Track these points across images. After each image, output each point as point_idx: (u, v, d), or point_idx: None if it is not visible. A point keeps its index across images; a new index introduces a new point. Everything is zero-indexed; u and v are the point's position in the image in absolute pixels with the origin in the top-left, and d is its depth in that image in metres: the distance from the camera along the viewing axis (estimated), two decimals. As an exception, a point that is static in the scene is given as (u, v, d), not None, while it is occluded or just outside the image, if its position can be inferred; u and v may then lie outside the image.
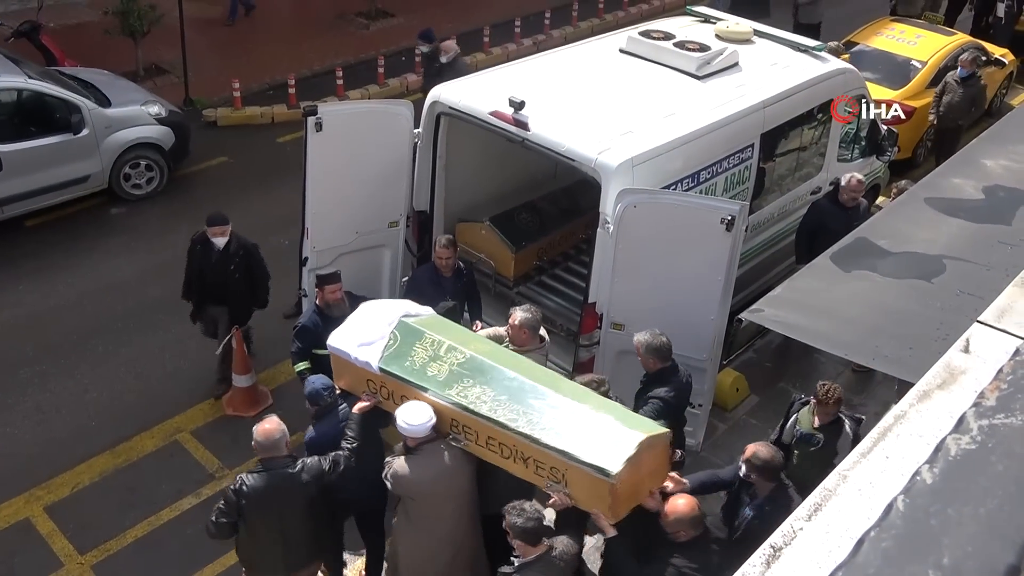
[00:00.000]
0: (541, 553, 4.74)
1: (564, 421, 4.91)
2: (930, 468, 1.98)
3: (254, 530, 5.35)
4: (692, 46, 8.14)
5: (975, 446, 2.05)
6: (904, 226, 5.89)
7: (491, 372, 5.22)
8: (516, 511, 4.71)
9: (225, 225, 7.52)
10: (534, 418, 4.94)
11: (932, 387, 2.26)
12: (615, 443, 4.74)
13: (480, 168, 8.27)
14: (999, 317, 2.52)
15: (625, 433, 4.79)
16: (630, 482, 4.75)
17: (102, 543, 6.77)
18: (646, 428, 4.92)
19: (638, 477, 4.82)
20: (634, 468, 4.71)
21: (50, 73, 10.61)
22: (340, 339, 5.67)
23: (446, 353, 5.39)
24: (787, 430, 6.10)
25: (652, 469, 4.95)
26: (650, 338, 5.98)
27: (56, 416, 7.81)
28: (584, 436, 4.82)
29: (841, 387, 6.00)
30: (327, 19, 15.71)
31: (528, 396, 5.05)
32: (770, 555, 1.87)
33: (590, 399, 5.10)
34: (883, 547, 1.81)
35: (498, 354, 5.48)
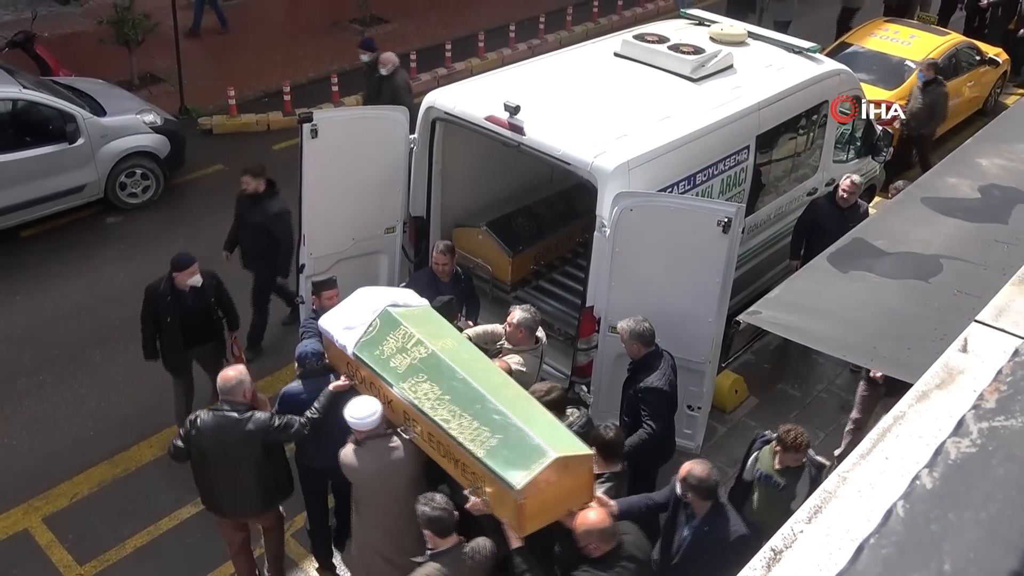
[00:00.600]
0: (450, 546, 4.79)
1: (492, 429, 4.91)
2: (930, 472, 1.97)
3: (200, 463, 5.77)
4: (687, 49, 8.15)
5: (975, 449, 2.04)
6: (901, 226, 5.89)
7: (444, 371, 5.27)
8: (425, 500, 4.80)
9: (195, 263, 6.96)
10: (465, 422, 4.98)
11: (931, 387, 2.26)
12: (528, 458, 4.71)
13: (476, 173, 8.27)
14: (997, 316, 2.51)
15: (540, 450, 4.72)
16: (540, 499, 4.72)
17: (101, 553, 6.75)
18: (565, 448, 4.81)
19: (551, 495, 4.75)
20: (545, 486, 4.68)
21: (45, 83, 10.60)
22: (329, 320, 5.91)
23: (412, 347, 5.46)
24: (748, 468, 5.87)
25: (571, 489, 4.87)
26: (633, 324, 6.12)
27: (54, 427, 7.79)
28: (504, 447, 4.82)
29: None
30: (322, 26, 15.72)
31: (468, 399, 5.08)
32: (770, 558, 1.86)
33: (527, 410, 5.06)
34: (883, 554, 1.79)
35: (459, 354, 5.46)
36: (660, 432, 6.22)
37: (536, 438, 4.80)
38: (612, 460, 5.44)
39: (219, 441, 5.60)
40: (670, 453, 6.56)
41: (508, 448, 4.82)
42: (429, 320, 5.84)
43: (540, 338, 6.45)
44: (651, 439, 6.20)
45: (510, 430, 4.88)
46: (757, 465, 5.80)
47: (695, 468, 5.01)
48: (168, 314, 7.01)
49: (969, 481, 1.97)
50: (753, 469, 5.82)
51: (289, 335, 8.15)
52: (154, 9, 12.97)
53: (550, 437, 4.84)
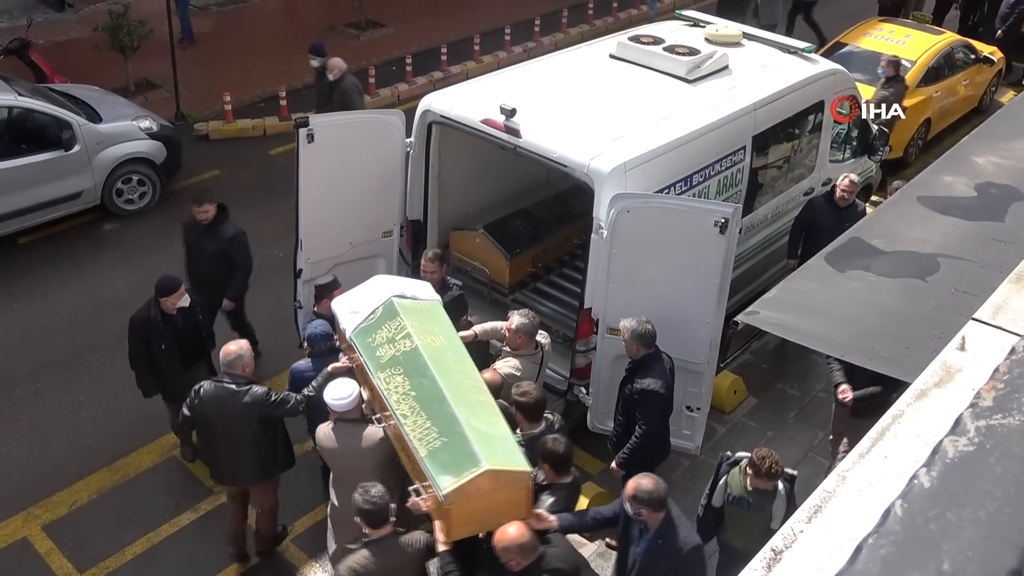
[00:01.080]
0: (383, 535, 4.88)
1: (440, 431, 4.95)
2: (928, 471, 1.96)
3: (203, 431, 6.17)
4: (682, 50, 8.16)
5: (973, 448, 2.03)
6: (897, 225, 5.89)
7: (419, 367, 5.30)
8: (362, 491, 4.88)
9: (181, 284, 6.87)
10: (420, 420, 5.05)
11: (929, 386, 2.26)
12: (461, 466, 4.76)
13: (473, 176, 8.28)
14: (994, 314, 2.52)
15: (474, 460, 4.74)
16: (467, 508, 4.76)
17: (101, 560, 6.74)
18: (500, 461, 4.79)
19: (480, 505, 4.76)
20: (474, 494, 4.72)
21: (40, 90, 10.59)
22: (340, 302, 6.10)
23: (401, 339, 5.53)
24: (717, 494, 5.72)
25: (504, 502, 4.85)
26: (636, 324, 6.12)
27: (52, 434, 7.78)
28: (445, 451, 4.88)
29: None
30: (317, 30, 15.71)
31: (430, 399, 5.12)
32: (771, 558, 1.86)
33: (482, 419, 5.03)
34: (882, 553, 1.79)
35: (442, 353, 5.48)
36: (653, 436, 6.23)
37: (475, 447, 4.79)
38: (562, 472, 5.33)
39: (219, 411, 5.91)
40: (665, 453, 6.57)
41: (448, 452, 4.86)
42: (429, 315, 5.86)
43: (542, 344, 6.43)
44: (644, 443, 6.22)
45: (456, 436, 4.90)
46: (728, 489, 5.66)
47: (643, 483, 4.91)
48: (162, 341, 6.81)
49: (967, 480, 1.97)
50: (724, 494, 5.69)
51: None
52: (149, 15, 12.97)
53: (491, 449, 4.82)
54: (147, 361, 6.91)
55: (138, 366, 7.01)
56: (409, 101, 12.72)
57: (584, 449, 7.69)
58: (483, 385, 5.43)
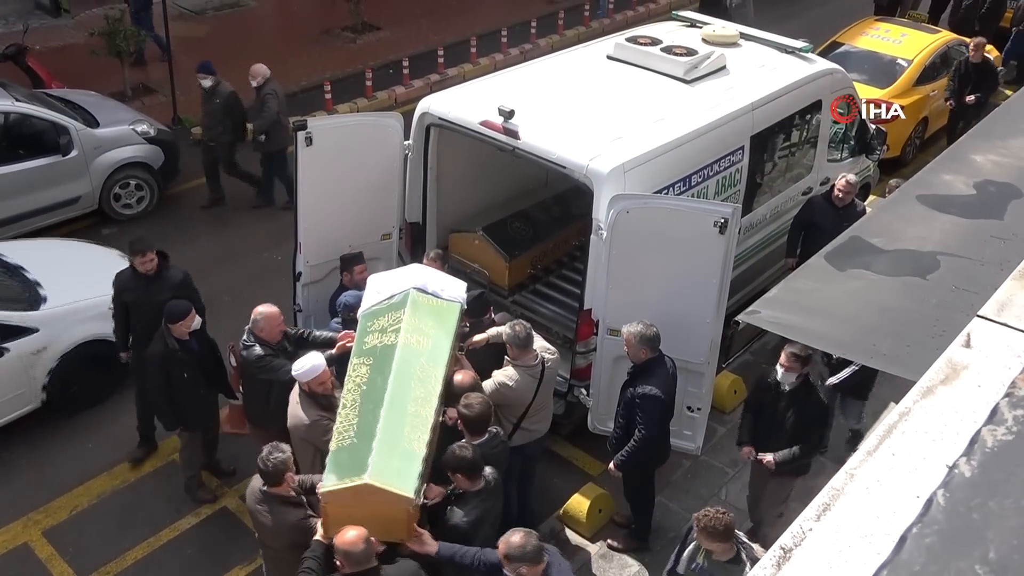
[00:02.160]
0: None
1: (358, 433, 5.04)
2: (968, 461, 1.96)
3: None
4: (679, 51, 8.17)
5: (1012, 437, 2.03)
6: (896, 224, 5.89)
7: (384, 365, 5.39)
8: (267, 450, 5.18)
9: (192, 310, 6.60)
10: (351, 416, 5.16)
11: (935, 383, 2.25)
12: (348, 471, 4.86)
13: (471, 178, 8.28)
14: (999, 311, 2.51)
15: (360, 469, 4.81)
16: (343, 511, 4.84)
17: (102, 566, 6.72)
18: (386, 480, 4.81)
19: (357, 514, 4.81)
20: (349, 500, 4.80)
21: (37, 95, 10.58)
22: (374, 280, 6.29)
23: (390, 331, 5.65)
24: (683, 560, 5.24)
25: (382, 518, 4.88)
26: (642, 328, 6.10)
27: (52, 438, 7.76)
28: (349, 452, 4.97)
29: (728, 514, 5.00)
30: (313, 34, 15.71)
31: (371, 399, 5.22)
32: (780, 556, 1.86)
33: (404, 434, 5.06)
34: (927, 543, 1.79)
35: (416, 356, 5.52)
36: (652, 440, 6.23)
37: (372, 458, 4.84)
38: (473, 479, 5.22)
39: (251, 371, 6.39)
40: (665, 456, 6.57)
41: (349, 454, 4.95)
42: (436, 315, 5.90)
43: (544, 358, 6.18)
44: (642, 447, 6.22)
45: (365, 441, 4.96)
46: (697, 558, 5.15)
47: (513, 539, 4.59)
48: (184, 370, 6.55)
49: (1008, 468, 1.97)
50: (690, 563, 5.18)
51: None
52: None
53: (386, 464, 4.85)
54: (167, 395, 6.61)
55: (158, 402, 6.75)
56: (406, 104, 12.71)
57: (584, 450, 7.70)
58: (435, 399, 5.34)
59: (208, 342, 6.91)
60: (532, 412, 6.18)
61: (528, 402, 6.09)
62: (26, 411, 7.62)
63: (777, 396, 6.29)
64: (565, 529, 7.02)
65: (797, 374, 6.14)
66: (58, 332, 7.57)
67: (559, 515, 7.10)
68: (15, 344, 7.38)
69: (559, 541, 6.91)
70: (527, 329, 6.12)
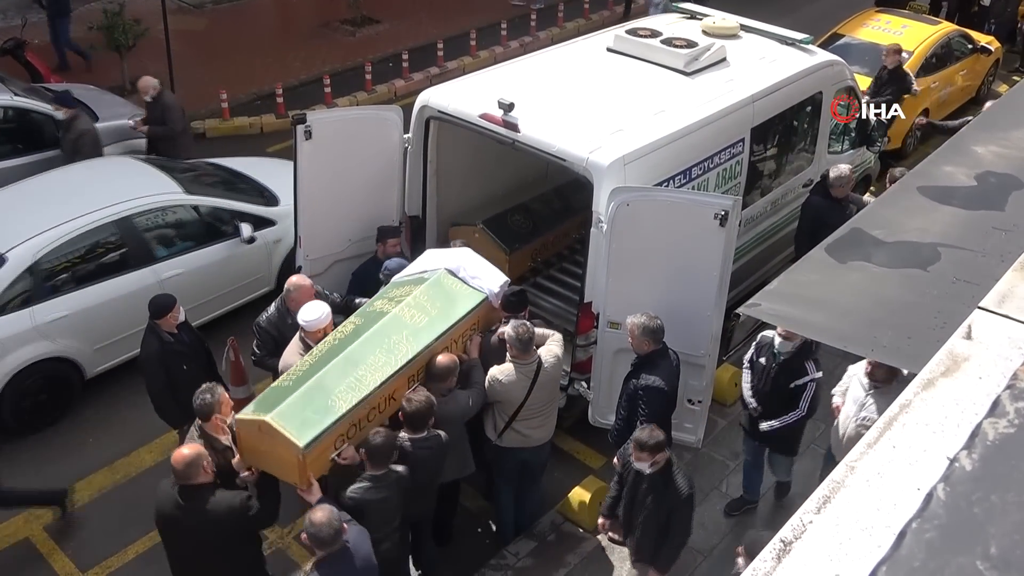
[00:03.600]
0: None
1: (304, 377, 5.44)
2: (968, 454, 1.94)
3: None
4: (679, 42, 8.14)
5: (1014, 430, 2.02)
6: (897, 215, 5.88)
7: (366, 327, 5.78)
8: None
9: (176, 302, 6.60)
10: (307, 362, 5.60)
11: (936, 375, 2.24)
12: (262, 407, 5.29)
13: (471, 171, 8.26)
14: (1000, 303, 2.50)
15: (268, 409, 5.22)
16: (250, 443, 5.34)
17: (103, 560, 6.74)
18: (285, 422, 5.12)
19: (259, 446, 5.29)
20: (252, 435, 5.29)
21: (36, 90, 10.56)
22: (426, 255, 6.65)
23: (394, 301, 6.03)
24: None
25: (279, 458, 5.22)
26: (646, 320, 6.09)
27: (53, 434, 7.76)
28: (275, 392, 5.42)
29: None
30: (312, 27, 15.68)
31: (331, 352, 5.61)
32: (780, 549, 1.85)
33: (331, 390, 5.36)
34: (927, 538, 1.77)
35: (397, 327, 5.79)
36: None
37: (286, 402, 5.24)
38: (375, 464, 5.30)
39: None
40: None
41: (276, 393, 5.39)
42: (448, 298, 6.12)
43: (542, 361, 6.12)
44: None
45: (297, 385, 5.37)
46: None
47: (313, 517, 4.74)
48: (183, 363, 6.49)
49: (1010, 462, 1.95)
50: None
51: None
52: (144, 14, 12.93)
53: (294, 412, 5.20)
54: (171, 393, 6.51)
55: (161, 400, 6.63)
56: (406, 97, 12.68)
57: (586, 443, 7.71)
58: (390, 370, 5.57)
59: (195, 333, 6.87)
60: (527, 414, 6.15)
61: (519, 401, 6.08)
62: (262, 293, 8.82)
63: (637, 480, 5.69)
64: (566, 522, 7.03)
65: (649, 464, 5.50)
66: (288, 227, 8.20)
67: (560, 508, 7.10)
68: (262, 233, 8.73)
69: (560, 534, 6.92)
70: (529, 331, 6.08)
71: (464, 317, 6.10)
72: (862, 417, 6.00)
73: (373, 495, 5.26)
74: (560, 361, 6.34)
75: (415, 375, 5.80)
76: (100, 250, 7.98)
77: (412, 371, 5.76)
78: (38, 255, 7.58)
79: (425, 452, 5.59)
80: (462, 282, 6.25)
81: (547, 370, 6.13)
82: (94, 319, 7.78)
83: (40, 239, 7.62)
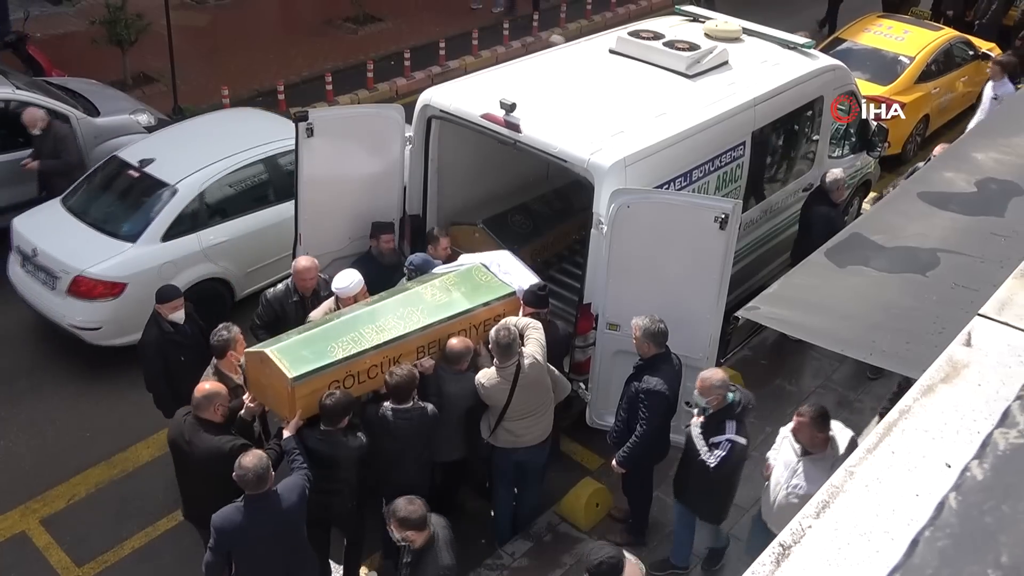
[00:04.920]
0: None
1: (311, 326, 6.06)
2: (980, 464, 1.95)
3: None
4: (682, 45, 8.15)
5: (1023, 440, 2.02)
6: (897, 220, 5.89)
7: (386, 297, 6.32)
8: None
9: (181, 293, 6.80)
10: (331, 317, 6.14)
11: (936, 381, 2.25)
12: (269, 343, 5.82)
13: (472, 171, 8.26)
14: (1000, 310, 2.51)
15: (273, 344, 5.77)
16: (254, 374, 5.84)
17: (99, 555, 6.73)
18: (283, 357, 5.61)
19: (261, 378, 5.77)
20: (255, 365, 5.79)
21: (38, 83, 10.54)
22: (468, 255, 6.96)
23: (419, 283, 6.48)
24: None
25: (275, 391, 5.70)
26: (649, 323, 6.09)
27: (50, 428, 7.76)
28: (288, 334, 5.95)
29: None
30: (315, 24, 15.68)
31: (349, 311, 6.20)
32: (779, 554, 1.86)
33: (333, 339, 5.83)
34: (939, 546, 1.78)
35: (414, 302, 6.22)
36: (653, 435, 6.23)
37: (290, 340, 5.80)
38: (330, 421, 5.65)
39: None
40: (664, 452, 6.57)
41: (289, 336, 5.91)
42: (473, 285, 6.47)
43: (522, 364, 6.01)
44: (644, 442, 6.21)
45: (305, 331, 5.94)
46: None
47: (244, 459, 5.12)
48: (180, 352, 6.57)
49: (1020, 472, 1.95)
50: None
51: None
52: (147, 9, 12.92)
53: (295, 350, 5.71)
54: (166, 381, 6.62)
55: (157, 388, 6.73)
56: (408, 95, 12.69)
57: (584, 444, 7.70)
58: (393, 334, 5.96)
59: (198, 325, 6.89)
60: (514, 415, 6.12)
61: (503, 403, 6.08)
62: None
63: None
64: (562, 522, 7.03)
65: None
66: None
67: (556, 509, 7.10)
68: None
69: (556, 534, 6.92)
70: (510, 336, 6.01)
71: (485, 305, 6.34)
72: (793, 485, 5.51)
73: (327, 451, 5.62)
74: (541, 364, 6.15)
75: (425, 347, 6.11)
76: (251, 184, 8.94)
77: (422, 342, 6.09)
78: (204, 186, 8.54)
79: (403, 423, 5.80)
80: (493, 275, 6.56)
81: (527, 372, 6.03)
82: (247, 245, 8.73)
83: (204, 172, 8.57)
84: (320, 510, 5.70)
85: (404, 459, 5.95)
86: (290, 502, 5.21)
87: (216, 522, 5.13)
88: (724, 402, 5.83)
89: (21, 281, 8.49)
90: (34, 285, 8.35)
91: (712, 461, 5.79)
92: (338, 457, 5.65)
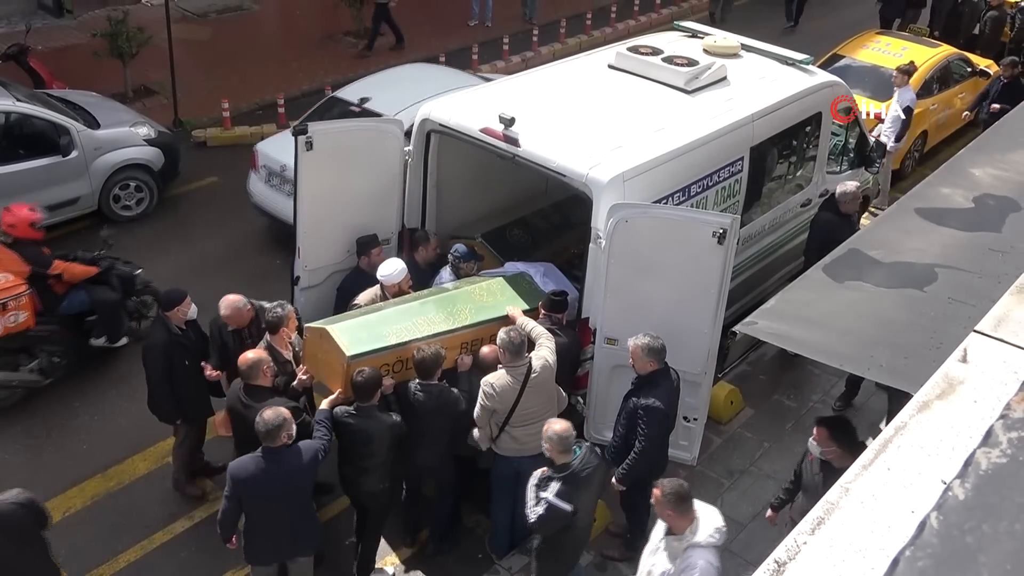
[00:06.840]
0: None
1: (370, 311, 6.55)
2: (961, 483, 1.95)
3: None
4: (680, 61, 8.18)
5: (1006, 460, 2.02)
6: (895, 236, 5.91)
7: (437, 295, 6.86)
8: None
9: (188, 295, 6.78)
10: (384, 305, 6.66)
11: (931, 397, 2.25)
12: (330, 321, 6.33)
13: (471, 185, 8.27)
14: (996, 326, 2.51)
15: (334, 323, 6.28)
16: (312, 348, 6.33)
17: (95, 568, 6.70)
18: (341, 334, 6.07)
19: (318, 353, 6.25)
20: (314, 340, 6.27)
21: (38, 95, 10.57)
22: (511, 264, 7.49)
23: (467, 283, 7.03)
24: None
25: (330, 366, 6.16)
26: (649, 340, 6.09)
27: (46, 440, 7.74)
28: (348, 315, 6.56)
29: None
30: (315, 38, 15.74)
31: (404, 301, 6.72)
32: (774, 570, 1.85)
33: (391, 323, 6.34)
34: (919, 566, 1.77)
35: (464, 300, 6.74)
36: (652, 452, 6.22)
37: (351, 321, 6.33)
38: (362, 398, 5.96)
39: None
40: (663, 467, 6.55)
41: (348, 316, 6.48)
42: (514, 291, 6.93)
43: (532, 366, 6.12)
44: (643, 459, 6.20)
45: (364, 315, 6.45)
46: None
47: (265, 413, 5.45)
48: (185, 357, 6.59)
49: (1002, 492, 1.95)
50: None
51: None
52: (148, 22, 12.98)
53: (353, 330, 6.19)
54: (168, 386, 6.64)
55: (159, 393, 6.72)
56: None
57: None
58: (442, 327, 6.41)
59: (200, 332, 6.91)
60: (519, 420, 6.13)
61: (511, 405, 6.09)
62: None
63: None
64: (560, 537, 7.00)
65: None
66: None
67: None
68: None
69: (553, 549, 6.88)
70: (520, 336, 6.14)
71: (527, 312, 6.70)
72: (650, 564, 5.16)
73: (357, 425, 5.94)
74: (551, 368, 6.25)
75: (469, 343, 6.52)
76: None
77: (466, 338, 6.51)
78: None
79: (422, 396, 6.12)
80: (535, 284, 7.05)
81: (537, 374, 6.12)
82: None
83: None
84: (350, 487, 6.23)
85: (425, 439, 6.22)
86: (302, 462, 5.53)
87: (231, 469, 5.50)
88: (559, 459, 5.51)
89: (265, 196, 9.96)
90: (279, 198, 9.65)
91: (531, 516, 5.54)
92: (371, 432, 5.94)
